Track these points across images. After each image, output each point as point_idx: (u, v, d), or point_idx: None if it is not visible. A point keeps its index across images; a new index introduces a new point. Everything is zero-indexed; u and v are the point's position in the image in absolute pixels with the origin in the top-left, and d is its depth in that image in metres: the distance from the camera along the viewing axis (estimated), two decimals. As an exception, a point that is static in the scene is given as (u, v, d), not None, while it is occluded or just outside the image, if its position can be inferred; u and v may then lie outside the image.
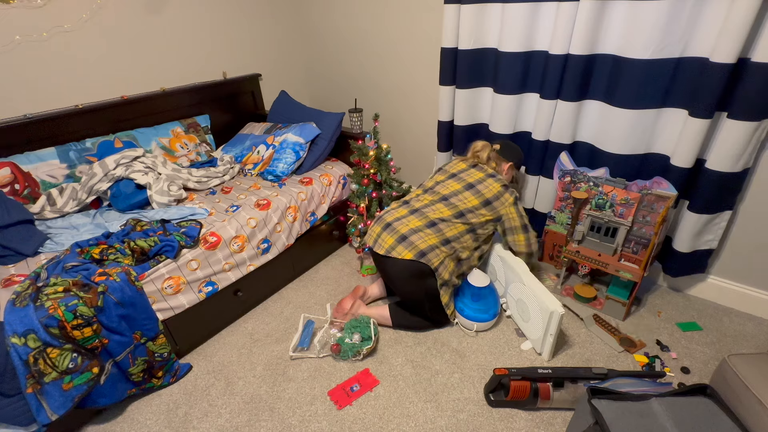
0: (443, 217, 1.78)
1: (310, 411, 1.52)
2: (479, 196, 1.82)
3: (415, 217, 1.79)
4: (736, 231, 1.81)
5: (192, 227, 1.71)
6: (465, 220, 1.78)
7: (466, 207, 1.80)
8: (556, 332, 1.59)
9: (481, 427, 1.44)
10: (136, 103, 2.21)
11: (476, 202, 1.81)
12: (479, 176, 1.88)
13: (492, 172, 1.90)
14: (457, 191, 1.85)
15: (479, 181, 1.86)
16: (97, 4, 1.99)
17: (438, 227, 1.75)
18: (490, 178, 1.86)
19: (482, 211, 1.80)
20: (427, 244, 1.69)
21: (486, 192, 1.83)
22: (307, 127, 2.29)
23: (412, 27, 2.40)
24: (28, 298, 1.30)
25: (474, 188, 1.84)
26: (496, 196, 1.82)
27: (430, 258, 1.68)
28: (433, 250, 1.69)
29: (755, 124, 1.50)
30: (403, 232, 1.73)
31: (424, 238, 1.71)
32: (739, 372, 1.13)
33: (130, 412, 1.55)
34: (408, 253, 1.68)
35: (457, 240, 1.76)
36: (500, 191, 1.83)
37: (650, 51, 1.60)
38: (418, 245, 1.68)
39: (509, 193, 1.84)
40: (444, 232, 1.74)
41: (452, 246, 1.74)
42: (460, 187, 1.86)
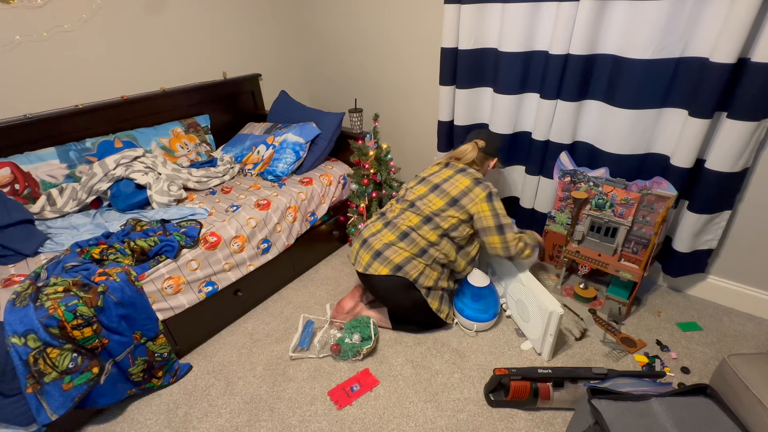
0: (412, 225, 1.69)
1: (310, 411, 1.52)
2: (444, 196, 1.69)
3: (389, 230, 1.73)
4: (735, 231, 1.81)
5: (192, 227, 1.71)
6: (434, 225, 1.68)
7: (431, 210, 1.68)
8: (555, 332, 1.59)
9: (481, 427, 1.44)
10: (136, 103, 2.21)
11: (441, 203, 1.68)
12: (447, 174, 1.75)
13: (462, 167, 1.76)
14: (422, 195, 1.74)
15: (446, 179, 1.73)
16: (97, 4, 1.99)
17: (410, 237, 1.68)
18: (458, 174, 1.72)
19: (450, 212, 1.67)
20: (402, 257, 1.65)
21: (452, 189, 1.69)
22: (307, 127, 2.29)
23: (412, 27, 2.40)
24: (28, 298, 1.30)
25: (439, 188, 1.71)
26: (463, 192, 1.67)
27: (407, 271, 1.65)
28: (410, 262, 1.65)
29: (755, 124, 1.51)
30: (377, 248, 1.69)
31: (398, 252, 1.66)
32: (739, 372, 1.13)
33: (130, 412, 1.55)
34: (384, 269, 1.65)
35: (433, 247, 1.68)
36: (469, 186, 1.67)
37: (650, 51, 1.60)
38: (392, 260, 1.65)
39: (481, 188, 1.67)
40: (417, 242, 1.67)
41: (429, 255, 1.68)
42: (426, 190, 1.74)
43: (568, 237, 2.02)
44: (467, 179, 1.70)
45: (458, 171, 1.74)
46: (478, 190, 1.67)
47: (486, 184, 1.69)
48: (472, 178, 1.70)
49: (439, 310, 1.76)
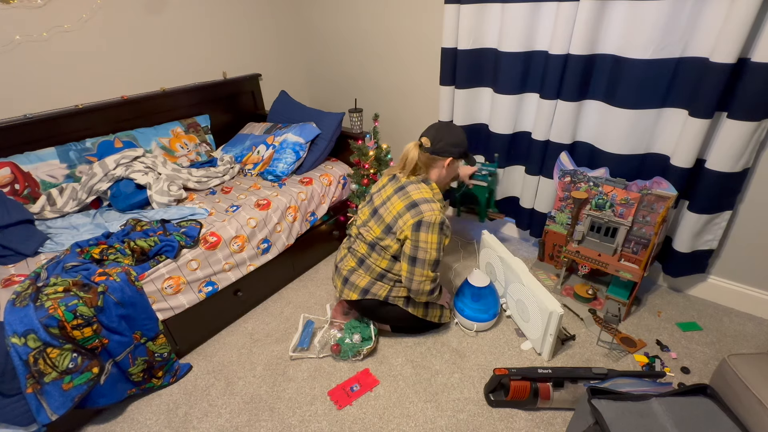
0: (363, 253, 1.64)
1: (310, 411, 1.52)
2: (381, 223, 1.56)
3: (350, 255, 1.71)
4: (736, 231, 1.81)
5: (192, 227, 1.71)
6: (380, 251, 1.58)
7: (372, 239, 1.59)
8: (555, 332, 1.58)
9: (481, 427, 1.44)
10: (136, 103, 2.21)
11: (378, 231, 1.56)
12: (386, 194, 1.59)
13: (402, 183, 1.56)
14: (365, 221, 1.65)
15: (384, 201, 1.58)
16: (97, 4, 1.99)
17: (366, 264, 1.63)
18: (395, 195, 1.55)
19: (387, 241, 1.54)
20: (365, 281, 1.64)
21: (386, 215, 1.54)
22: (307, 127, 2.29)
23: (413, 27, 2.40)
24: (28, 298, 1.30)
25: (377, 213, 1.59)
26: (395, 218, 1.51)
27: (374, 292, 1.63)
28: (374, 284, 1.64)
29: (755, 124, 1.51)
30: (344, 274, 1.69)
31: (361, 276, 1.65)
32: (739, 372, 1.13)
33: (130, 412, 1.55)
34: (353, 294, 1.66)
35: (389, 272, 1.61)
36: (400, 211, 1.49)
37: (650, 51, 1.60)
38: (358, 284, 1.65)
39: (411, 214, 1.46)
40: (373, 268, 1.62)
41: (389, 278, 1.63)
42: (368, 215, 1.64)
43: (568, 237, 2.02)
44: (402, 202, 1.51)
45: (396, 190, 1.56)
46: (408, 216, 1.47)
47: (419, 210, 1.46)
48: (408, 200, 1.50)
49: (426, 315, 1.73)
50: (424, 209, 1.46)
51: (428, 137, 1.56)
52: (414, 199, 1.49)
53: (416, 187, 1.53)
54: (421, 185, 1.55)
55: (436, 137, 1.55)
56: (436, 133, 1.56)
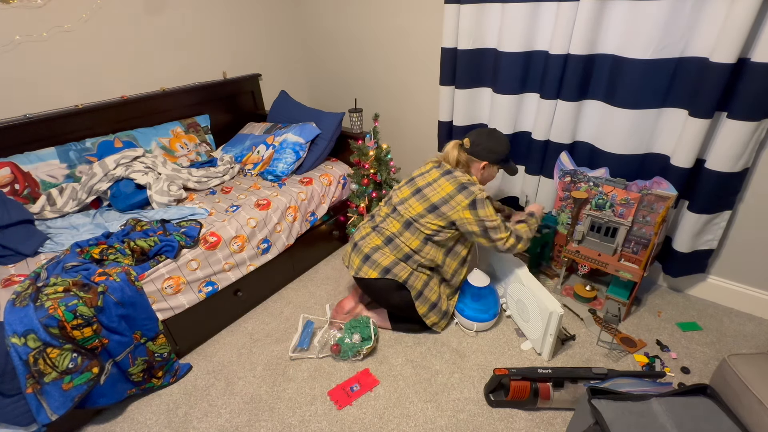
0: (394, 231, 1.67)
1: (310, 411, 1.52)
2: (424, 201, 1.62)
3: (376, 233, 1.72)
4: (735, 231, 1.81)
5: (192, 227, 1.71)
6: (414, 230, 1.63)
7: (411, 216, 1.63)
8: (556, 332, 1.58)
9: (481, 427, 1.44)
10: (136, 103, 2.21)
11: (420, 208, 1.62)
12: (432, 177, 1.66)
13: (449, 168, 1.66)
14: (404, 198, 1.69)
15: (430, 183, 1.65)
16: (97, 4, 1.99)
17: (395, 243, 1.66)
18: (443, 177, 1.63)
19: (428, 218, 1.60)
20: (389, 260, 1.65)
21: (432, 195, 1.61)
22: (307, 127, 2.29)
23: (413, 27, 2.40)
24: (28, 298, 1.30)
25: (420, 192, 1.65)
26: (444, 199, 1.59)
27: (396, 273, 1.65)
28: (397, 264, 1.65)
29: (755, 124, 1.50)
30: (366, 251, 1.70)
31: (385, 255, 1.66)
32: (739, 372, 1.13)
33: (130, 412, 1.55)
34: (373, 272, 1.66)
35: (417, 253, 1.65)
36: (451, 193, 1.58)
37: (650, 51, 1.60)
38: (380, 263, 1.65)
39: (464, 194, 1.57)
40: (401, 247, 1.65)
41: (414, 260, 1.66)
42: (409, 194, 1.69)
43: (568, 237, 2.02)
44: (451, 185, 1.60)
45: (444, 173, 1.64)
46: (461, 197, 1.57)
47: (470, 191, 1.58)
48: (456, 183, 1.59)
49: (426, 315, 1.74)
50: (474, 190, 1.59)
51: (470, 139, 1.69)
52: (462, 182, 1.61)
53: (462, 173, 1.66)
54: (466, 174, 1.67)
55: (476, 140, 1.68)
56: (476, 136, 1.69)
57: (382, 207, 1.81)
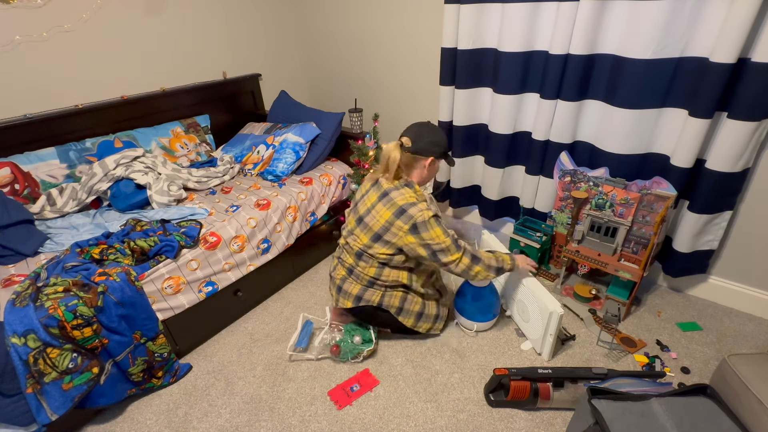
0: (351, 263, 1.63)
1: (310, 411, 1.52)
2: (368, 231, 1.54)
3: (340, 264, 1.70)
4: (736, 231, 1.81)
5: (192, 227, 1.71)
6: (368, 259, 1.58)
7: (359, 247, 1.57)
8: (556, 332, 1.58)
9: (481, 427, 1.44)
10: (136, 103, 2.21)
11: (366, 239, 1.55)
12: (371, 202, 1.56)
13: (384, 190, 1.53)
14: (351, 230, 1.63)
15: (369, 209, 1.55)
16: (97, 4, 1.99)
17: (355, 273, 1.63)
18: (380, 203, 1.52)
19: (376, 248, 1.53)
20: (357, 288, 1.64)
21: (373, 224, 1.52)
22: (307, 127, 2.29)
23: (413, 27, 2.40)
24: (28, 298, 1.30)
25: (363, 222, 1.56)
26: (384, 227, 1.50)
27: (368, 299, 1.63)
28: (366, 290, 1.63)
29: (755, 124, 1.50)
30: (337, 282, 1.69)
31: (353, 284, 1.65)
32: (739, 372, 1.13)
33: (130, 412, 1.55)
34: (347, 302, 1.66)
35: (378, 279, 1.60)
36: (390, 219, 1.48)
37: (650, 51, 1.60)
38: (351, 292, 1.65)
39: (403, 220, 1.46)
40: (362, 276, 1.61)
41: (379, 284, 1.62)
42: (354, 224, 1.61)
43: (568, 237, 2.02)
44: (388, 210, 1.49)
45: (381, 197, 1.53)
46: (399, 223, 1.47)
47: (409, 214, 1.45)
48: (394, 207, 1.48)
49: (415, 326, 1.72)
50: (413, 213, 1.46)
51: (408, 137, 1.52)
52: (400, 205, 1.48)
53: (399, 192, 1.51)
54: (404, 189, 1.52)
55: (417, 136, 1.52)
56: (416, 132, 1.53)
57: (342, 233, 1.73)
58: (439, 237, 1.47)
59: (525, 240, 2.09)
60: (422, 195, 1.57)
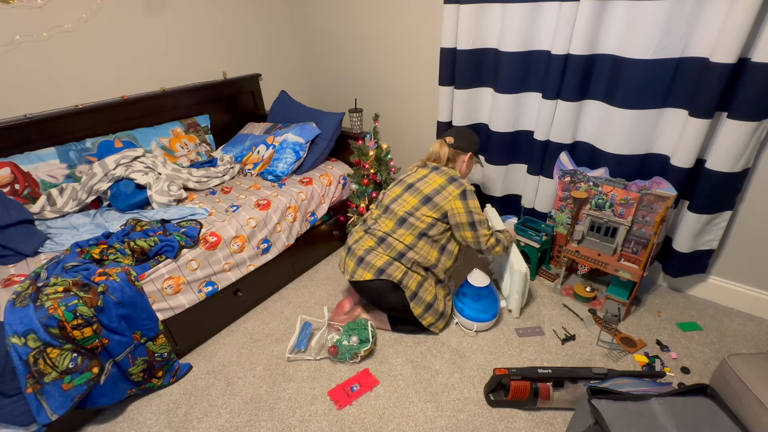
0: (387, 230, 1.70)
1: (310, 411, 1.52)
2: (418, 194, 1.69)
3: (368, 236, 1.75)
4: (736, 231, 1.81)
5: (192, 227, 1.71)
6: (409, 226, 1.67)
7: (405, 210, 1.68)
8: (521, 290, 1.78)
9: (481, 427, 1.44)
10: (136, 103, 2.21)
11: (415, 201, 1.68)
12: (422, 174, 1.75)
13: (435, 165, 1.75)
14: (396, 196, 1.74)
15: (420, 178, 1.73)
16: (97, 4, 1.99)
17: (387, 242, 1.69)
18: (433, 172, 1.72)
19: (423, 210, 1.66)
20: (382, 260, 1.67)
21: (425, 188, 1.69)
22: (307, 127, 2.29)
23: (413, 27, 2.40)
24: (28, 298, 1.30)
25: (413, 187, 1.72)
26: (436, 190, 1.67)
27: (390, 273, 1.65)
28: (391, 264, 1.67)
29: (755, 124, 1.51)
30: (359, 254, 1.71)
31: (379, 256, 1.68)
32: (739, 372, 1.13)
33: (130, 412, 1.55)
34: (367, 274, 1.67)
35: (411, 251, 1.68)
36: (442, 184, 1.67)
37: (650, 51, 1.60)
38: (374, 264, 1.67)
39: (455, 185, 1.66)
40: (394, 246, 1.68)
41: (408, 258, 1.68)
42: (400, 191, 1.75)
43: (568, 237, 2.02)
44: (441, 177, 1.70)
45: (433, 169, 1.74)
46: (452, 188, 1.66)
47: (460, 182, 1.68)
48: (446, 176, 1.70)
49: (421, 316, 1.73)
50: (462, 182, 1.69)
51: (451, 136, 1.81)
52: (452, 174, 1.71)
53: (448, 169, 1.75)
54: (452, 170, 1.77)
55: (458, 136, 1.81)
56: (456, 133, 1.83)
57: (373, 210, 1.85)
58: (478, 209, 1.70)
59: (525, 240, 2.09)
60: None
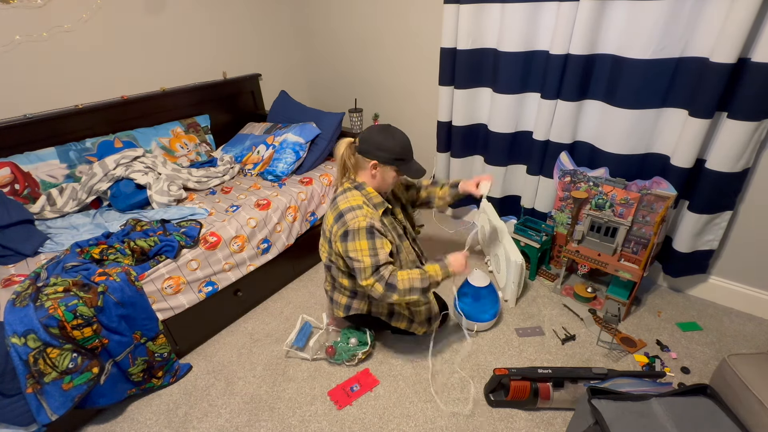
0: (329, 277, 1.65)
1: (310, 411, 1.52)
2: (325, 240, 1.51)
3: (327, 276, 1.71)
4: (736, 231, 1.81)
5: (192, 227, 1.71)
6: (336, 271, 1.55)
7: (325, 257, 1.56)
8: (518, 280, 1.81)
9: (481, 427, 1.44)
10: (136, 103, 2.21)
11: (326, 247, 1.51)
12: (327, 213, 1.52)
13: (336, 193, 1.49)
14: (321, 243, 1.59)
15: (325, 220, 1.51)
16: (97, 4, 1.99)
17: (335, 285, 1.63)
18: (329, 209, 1.49)
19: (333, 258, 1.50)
20: (344, 299, 1.63)
21: (326, 229, 1.49)
22: (307, 127, 2.29)
23: (413, 27, 2.40)
24: (28, 298, 1.30)
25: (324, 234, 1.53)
26: (328, 229, 1.45)
27: (357, 307, 1.62)
28: (353, 301, 1.62)
29: (755, 124, 1.50)
30: (328, 293, 1.71)
31: (339, 294, 1.65)
32: (739, 372, 1.13)
33: (130, 412, 1.55)
34: (339, 312, 1.66)
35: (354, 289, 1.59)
36: (330, 223, 1.43)
37: (650, 51, 1.60)
38: (340, 302, 1.64)
39: (339, 225, 1.38)
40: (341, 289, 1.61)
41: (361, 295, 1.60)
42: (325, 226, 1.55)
43: (568, 237, 2.02)
44: (331, 215, 1.44)
45: (331, 202, 1.49)
46: (336, 227, 1.41)
47: (344, 220, 1.37)
48: (336, 211, 1.42)
49: (409, 328, 1.70)
50: (347, 218, 1.37)
51: (361, 135, 1.46)
52: (341, 209, 1.41)
53: (345, 196, 1.45)
54: (352, 192, 1.45)
55: (365, 137, 1.44)
56: (368, 132, 1.45)
57: None
58: (361, 252, 1.35)
59: (525, 240, 2.09)
60: (377, 197, 1.48)
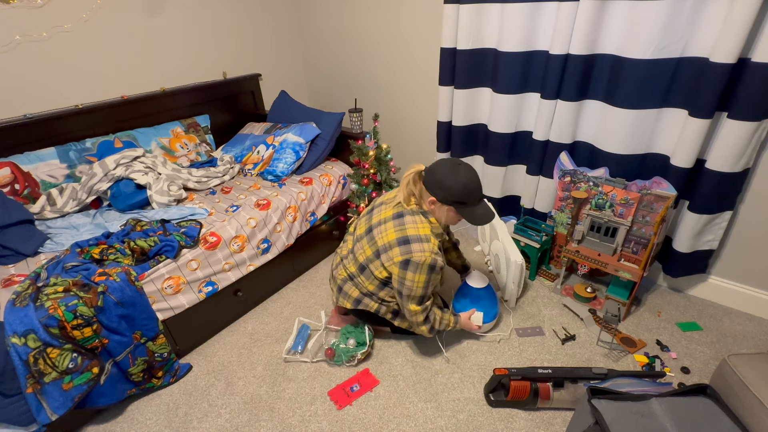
0: (353, 271, 1.60)
1: (310, 411, 1.52)
2: (372, 245, 1.48)
3: (342, 266, 1.68)
4: (736, 231, 1.81)
5: (192, 227, 1.71)
6: (368, 275, 1.52)
7: (364, 258, 1.53)
8: (518, 281, 1.79)
9: (481, 427, 1.44)
10: (136, 103, 2.21)
11: (370, 252, 1.50)
12: (384, 216, 1.49)
13: (400, 210, 1.45)
14: (360, 236, 1.58)
15: (381, 222, 1.49)
16: (97, 4, 1.99)
17: (355, 281, 1.61)
18: (391, 221, 1.44)
19: (376, 264, 1.47)
20: (357, 293, 1.62)
21: (379, 239, 1.46)
22: (307, 127, 2.29)
23: (413, 27, 2.40)
24: (28, 298, 1.30)
25: (371, 233, 1.51)
26: (384, 247, 1.42)
27: (366, 304, 1.61)
28: (364, 298, 1.61)
29: (755, 124, 1.50)
30: (338, 282, 1.68)
31: (353, 288, 1.63)
32: (739, 372, 1.13)
33: (130, 412, 1.55)
34: (347, 303, 1.65)
35: (376, 295, 1.57)
36: (391, 242, 1.40)
37: (650, 51, 1.60)
38: (351, 295, 1.63)
39: (400, 250, 1.37)
40: (361, 287, 1.59)
41: (378, 297, 1.58)
42: (363, 231, 1.57)
43: (568, 237, 2.02)
44: (395, 233, 1.41)
45: (395, 216, 1.47)
46: (397, 251, 1.39)
47: (409, 248, 1.36)
48: (401, 233, 1.40)
49: (411, 328, 1.69)
50: (414, 249, 1.37)
51: (429, 166, 1.45)
52: (408, 235, 1.40)
53: (413, 219, 1.43)
54: (420, 218, 1.44)
55: (431, 169, 1.43)
56: (436, 164, 1.44)
57: (347, 237, 1.74)
58: (417, 283, 1.41)
59: (525, 240, 2.09)
60: (438, 228, 1.48)
